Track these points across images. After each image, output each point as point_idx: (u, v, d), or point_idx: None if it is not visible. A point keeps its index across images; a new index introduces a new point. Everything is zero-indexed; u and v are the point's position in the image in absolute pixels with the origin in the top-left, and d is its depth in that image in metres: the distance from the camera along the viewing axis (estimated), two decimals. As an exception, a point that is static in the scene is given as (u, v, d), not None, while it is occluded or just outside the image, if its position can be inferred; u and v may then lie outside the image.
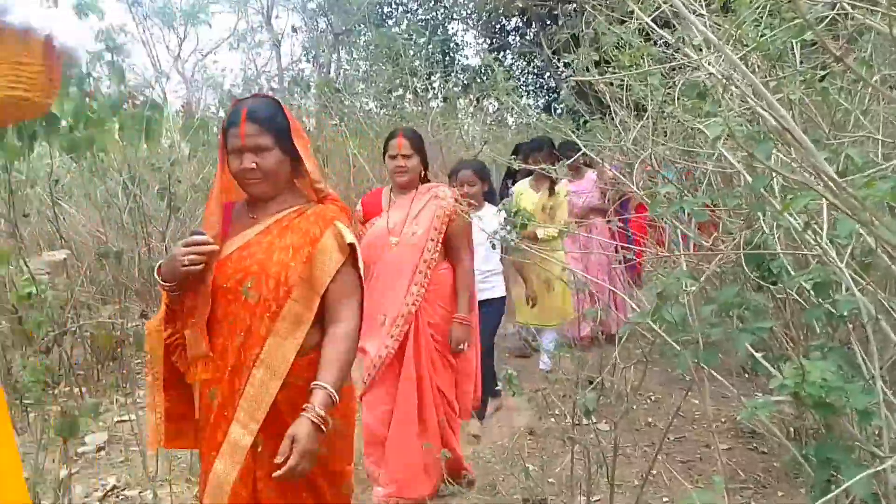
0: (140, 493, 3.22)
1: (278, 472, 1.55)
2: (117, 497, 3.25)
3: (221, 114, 8.63)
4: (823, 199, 1.17)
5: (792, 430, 2.93)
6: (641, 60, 2.56)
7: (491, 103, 9.05)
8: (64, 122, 4.02)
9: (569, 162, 3.23)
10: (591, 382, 2.89)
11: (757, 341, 1.27)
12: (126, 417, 4.05)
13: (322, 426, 1.59)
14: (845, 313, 1.23)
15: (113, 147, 4.37)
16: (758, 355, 1.25)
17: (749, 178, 1.47)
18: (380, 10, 14.64)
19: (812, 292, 1.37)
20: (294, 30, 15.18)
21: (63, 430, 2.97)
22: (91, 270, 5.04)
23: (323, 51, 13.39)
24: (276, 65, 16.65)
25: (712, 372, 1.50)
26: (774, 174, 1.25)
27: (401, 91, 8.66)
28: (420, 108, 7.91)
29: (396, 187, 3.08)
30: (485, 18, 14.71)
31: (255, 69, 18.40)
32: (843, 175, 1.36)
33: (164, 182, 4.76)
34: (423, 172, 3.06)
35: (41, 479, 2.83)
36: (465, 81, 11.34)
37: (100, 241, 5.31)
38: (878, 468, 1.08)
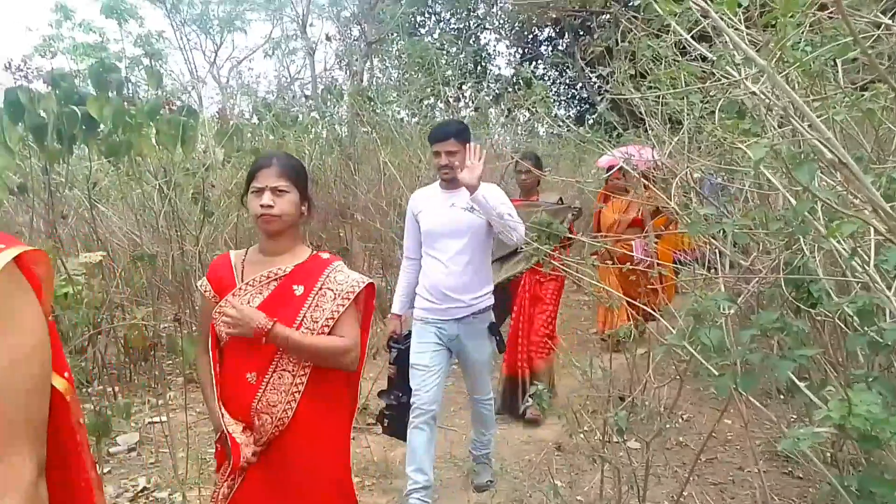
0: (170, 495, 3.26)
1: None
2: (147, 498, 3.29)
3: (255, 120, 8.73)
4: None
5: (829, 455, 2.85)
6: (678, 75, 2.53)
7: (522, 113, 9.01)
8: (103, 127, 4.11)
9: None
10: (622, 399, 2.84)
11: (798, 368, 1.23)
12: (157, 419, 4.11)
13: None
14: (891, 342, 1.19)
15: (150, 151, 4.45)
16: (801, 384, 1.22)
17: (792, 200, 1.44)
18: (412, 20, 14.74)
19: (855, 318, 1.33)
20: (328, 38, 15.35)
21: (96, 430, 3.03)
22: (126, 272, 5.13)
23: (356, 59, 13.50)
24: (309, 72, 16.88)
25: (749, 398, 1.46)
26: (818, 198, 1.21)
27: (432, 100, 8.69)
28: (451, 117, 7.93)
29: None
30: (517, 29, 14.74)
31: (288, 76, 18.73)
32: (888, 199, 1.32)
33: (198, 187, 4.83)
34: None
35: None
36: (497, 91, 11.33)
37: (135, 243, 5.41)
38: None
